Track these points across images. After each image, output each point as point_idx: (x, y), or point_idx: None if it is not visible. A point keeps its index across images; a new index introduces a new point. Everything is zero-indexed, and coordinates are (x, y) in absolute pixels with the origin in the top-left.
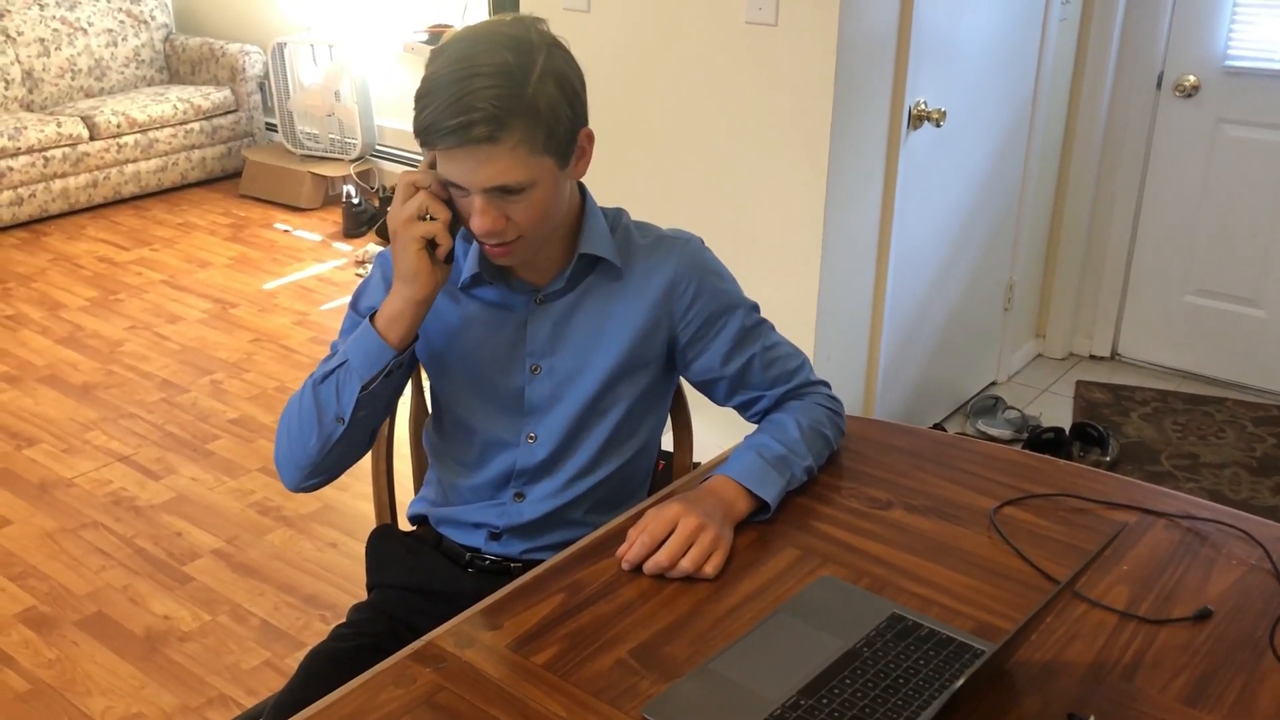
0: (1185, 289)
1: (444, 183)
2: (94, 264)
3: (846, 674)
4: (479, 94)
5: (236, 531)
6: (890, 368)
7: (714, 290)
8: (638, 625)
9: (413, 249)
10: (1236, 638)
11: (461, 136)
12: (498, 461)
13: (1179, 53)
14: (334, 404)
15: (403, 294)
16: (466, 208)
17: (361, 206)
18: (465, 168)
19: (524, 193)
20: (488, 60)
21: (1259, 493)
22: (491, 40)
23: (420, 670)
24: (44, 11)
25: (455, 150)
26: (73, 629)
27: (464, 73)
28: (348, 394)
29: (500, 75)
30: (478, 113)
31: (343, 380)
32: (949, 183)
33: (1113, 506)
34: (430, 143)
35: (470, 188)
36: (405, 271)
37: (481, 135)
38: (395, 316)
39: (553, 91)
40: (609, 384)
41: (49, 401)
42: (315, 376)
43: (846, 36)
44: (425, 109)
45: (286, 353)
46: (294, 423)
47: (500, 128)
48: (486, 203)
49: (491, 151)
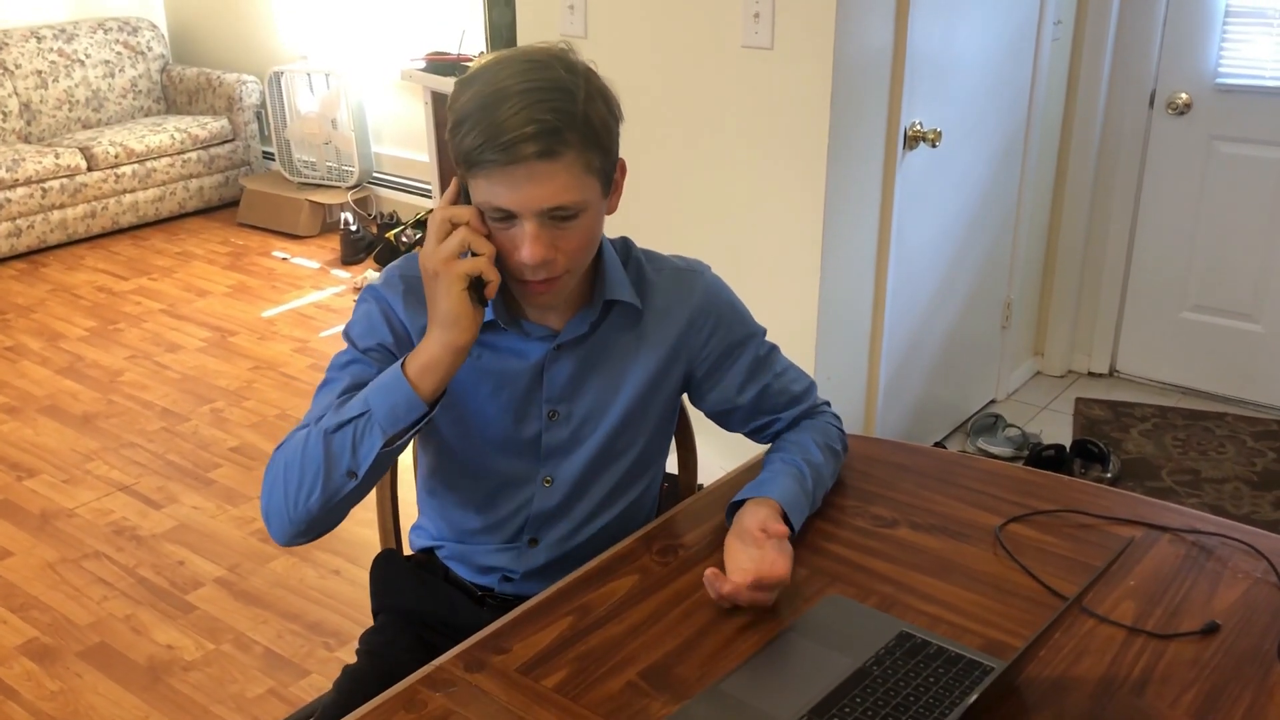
0: (1182, 305)
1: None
2: (93, 294)
3: (856, 693)
4: (537, 107)
5: (239, 560)
6: (890, 387)
7: (730, 324)
8: (647, 647)
9: (456, 290)
10: (1244, 651)
11: (519, 152)
12: (510, 505)
13: (1171, 71)
14: (348, 457)
15: (442, 340)
16: (508, 241)
17: (359, 233)
18: (518, 188)
19: (575, 219)
20: (538, 76)
21: (1260, 507)
22: (536, 58)
23: (430, 695)
24: (41, 44)
25: (511, 168)
26: (75, 660)
27: (516, 88)
28: (366, 448)
29: (555, 90)
30: (536, 125)
31: (362, 432)
32: (946, 203)
33: (1117, 522)
34: (481, 162)
35: (522, 211)
36: (447, 315)
37: (540, 150)
38: (432, 365)
39: (603, 111)
40: (626, 424)
41: (49, 432)
42: (327, 425)
43: (842, 59)
44: (474, 127)
45: (286, 380)
46: (292, 474)
47: (559, 142)
48: (539, 228)
49: (549, 169)
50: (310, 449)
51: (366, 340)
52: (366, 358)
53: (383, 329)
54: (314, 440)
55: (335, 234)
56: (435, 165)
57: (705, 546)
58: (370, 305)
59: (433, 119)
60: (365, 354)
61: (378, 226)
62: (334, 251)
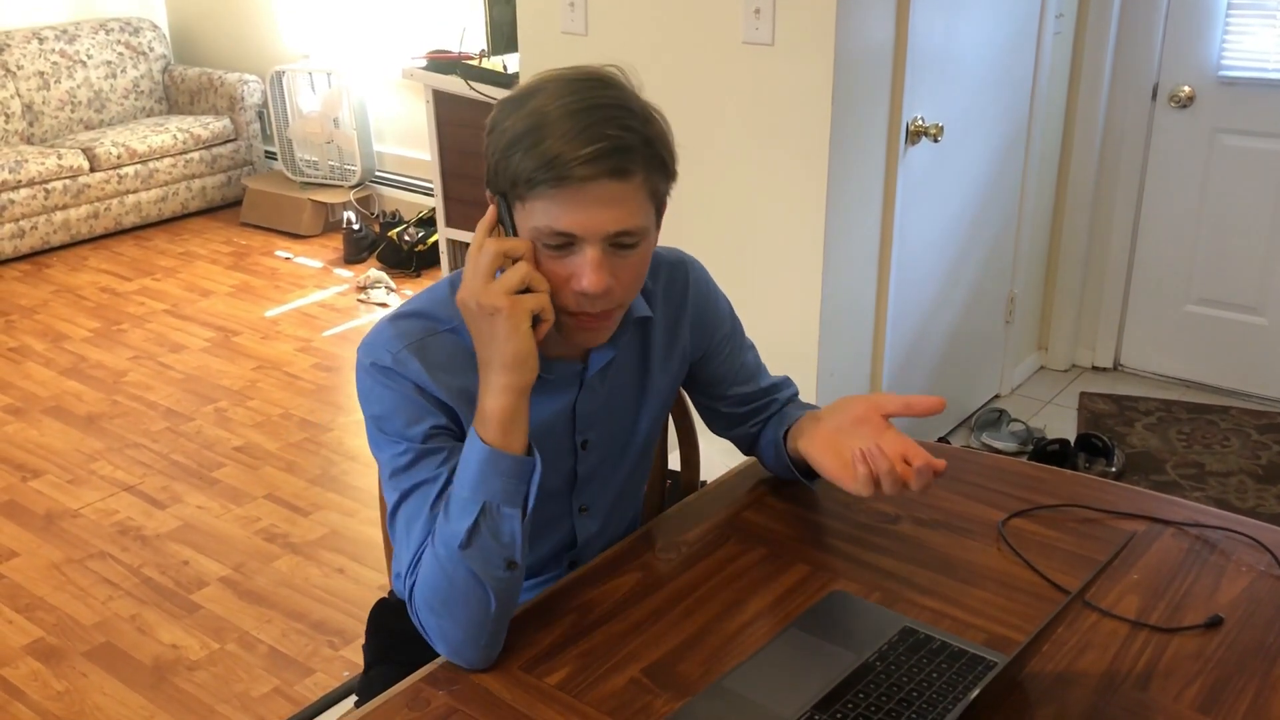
0: (1186, 298)
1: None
2: (96, 295)
3: (860, 688)
4: (607, 124)
5: (243, 559)
6: (894, 383)
7: (718, 310)
8: (650, 644)
9: (525, 328)
10: (1248, 645)
11: (590, 170)
12: (549, 543)
13: (1173, 64)
14: (497, 556)
15: (510, 385)
16: (561, 271)
17: (362, 232)
18: (585, 210)
19: (634, 248)
20: (604, 93)
21: (1265, 500)
22: (594, 77)
23: (433, 693)
24: (43, 45)
25: (579, 188)
26: (81, 660)
27: (584, 103)
28: (508, 534)
29: (622, 108)
30: (609, 142)
31: (495, 525)
32: (948, 197)
33: (1121, 516)
34: (543, 181)
35: (586, 236)
36: (515, 356)
37: (612, 168)
38: (510, 417)
39: (665, 133)
40: (652, 434)
41: (54, 433)
42: (453, 544)
43: (843, 55)
44: (534, 146)
45: (290, 379)
46: (456, 607)
47: (629, 160)
48: (601, 255)
49: (619, 191)
50: (456, 575)
51: (416, 428)
52: (432, 445)
53: (429, 411)
54: (453, 565)
55: (338, 233)
56: (437, 164)
57: (707, 544)
58: (397, 390)
59: (434, 117)
60: (427, 442)
61: (380, 225)
62: (337, 251)
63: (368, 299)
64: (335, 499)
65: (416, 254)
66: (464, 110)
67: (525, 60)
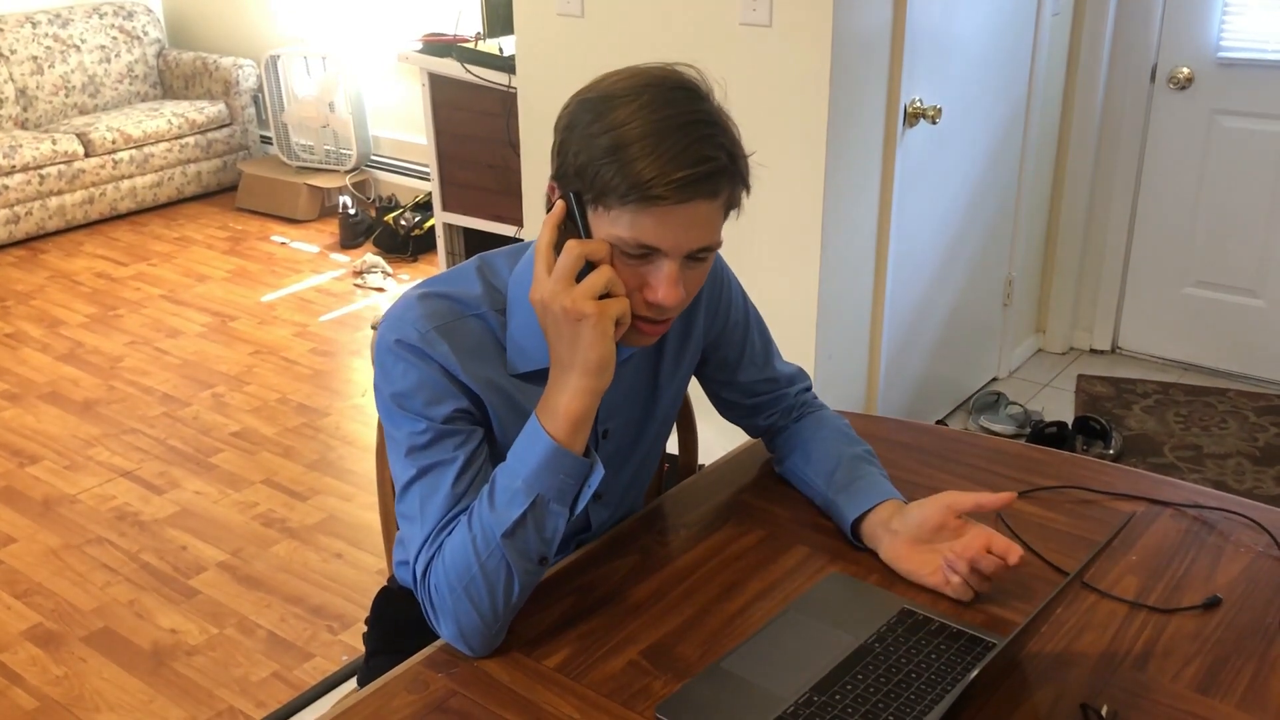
0: (1184, 281)
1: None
2: (92, 280)
3: (859, 670)
4: (706, 142)
5: (241, 544)
6: (892, 366)
7: (731, 294)
8: (649, 626)
9: (610, 334)
10: (1246, 625)
11: (688, 193)
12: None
13: (1172, 45)
14: (535, 549)
15: (589, 388)
16: (633, 277)
17: (358, 217)
18: (678, 227)
19: (705, 261)
20: (695, 108)
21: (1262, 482)
22: (683, 85)
23: (433, 676)
24: (36, 29)
25: (677, 208)
26: (79, 645)
27: (679, 121)
28: (551, 530)
29: (713, 124)
30: (706, 166)
31: (542, 519)
32: (946, 180)
33: (1119, 497)
34: (642, 200)
35: (671, 251)
36: (599, 361)
37: (709, 190)
38: (583, 419)
39: (742, 144)
40: (666, 425)
41: (51, 419)
42: (497, 530)
43: (841, 36)
44: (633, 160)
45: (287, 364)
46: (479, 591)
47: (722, 182)
48: (679, 271)
49: (708, 209)
50: (489, 561)
51: (439, 409)
52: (453, 426)
53: (452, 393)
54: (488, 551)
55: (334, 218)
56: (434, 148)
57: (706, 526)
58: (422, 370)
59: (431, 101)
60: (448, 423)
61: (376, 210)
62: (333, 235)
63: (364, 284)
64: (333, 484)
65: (413, 238)
66: (460, 94)
67: (521, 43)
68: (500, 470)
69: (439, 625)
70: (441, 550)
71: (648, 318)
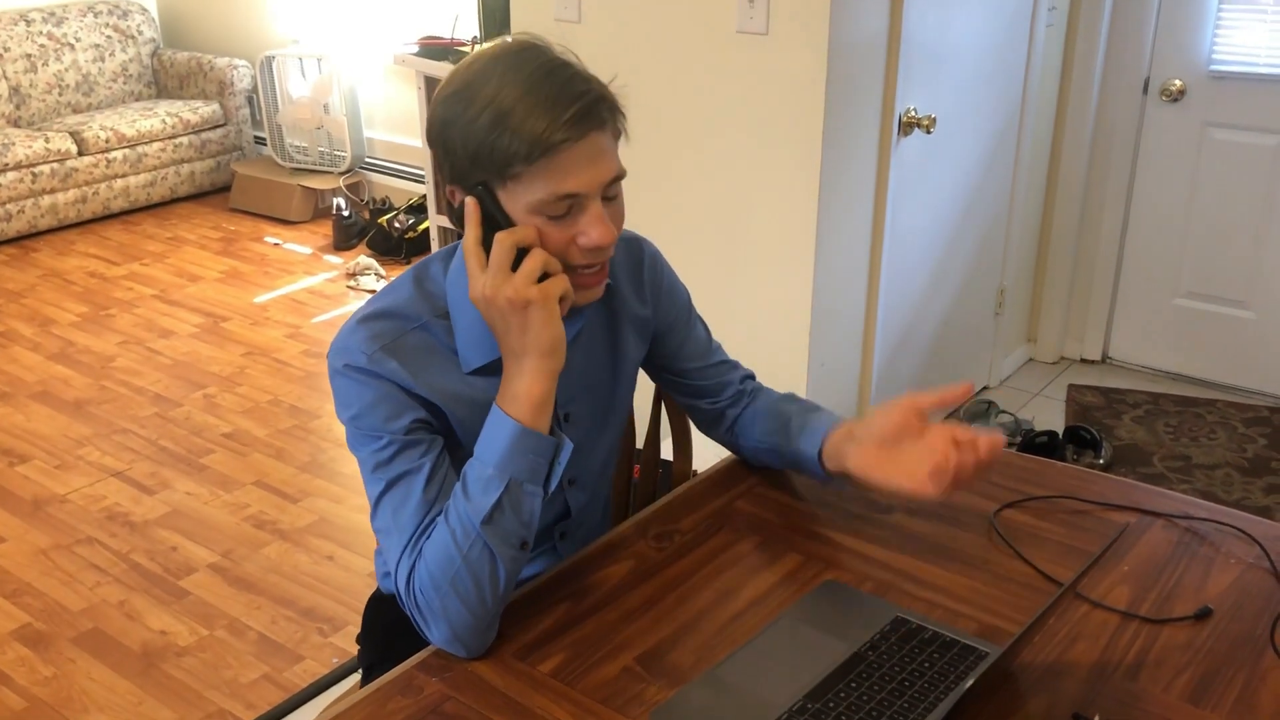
0: (1175, 292)
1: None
2: (84, 279)
3: (852, 678)
4: (577, 79)
5: (232, 545)
6: (884, 374)
7: (673, 284)
8: (643, 632)
9: (557, 313)
10: (1237, 636)
11: (580, 129)
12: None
13: (1165, 57)
14: (515, 532)
15: (546, 369)
16: (562, 235)
17: (351, 219)
18: (589, 164)
19: (618, 194)
20: (549, 58)
21: (1251, 493)
22: (532, 45)
23: (427, 680)
24: (30, 27)
25: (579, 145)
26: (69, 646)
27: (543, 72)
28: (528, 512)
29: (572, 66)
30: (583, 100)
31: (515, 502)
32: (940, 189)
33: (1111, 508)
34: (547, 151)
35: (590, 190)
36: (551, 343)
37: (598, 120)
38: (543, 399)
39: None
40: (627, 404)
41: (41, 418)
42: (473, 519)
43: (837, 45)
44: (526, 116)
45: (279, 366)
46: (465, 586)
47: (603, 110)
48: (603, 208)
49: (602, 140)
50: (471, 552)
51: (397, 422)
52: (414, 436)
53: (410, 405)
54: (469, 542)
55: (327, 219)
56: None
57: (700, 533)
58: (376, 388)
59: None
60: (409, 434)
61: (370, 212)
62: (326, 237)
63: (357, 285)
64: (324, 485)
65: (406, 241)
66: None
67: None
68: (470, 464)
69: (429, 630)
70: (422, 553)
71: (586, 265)
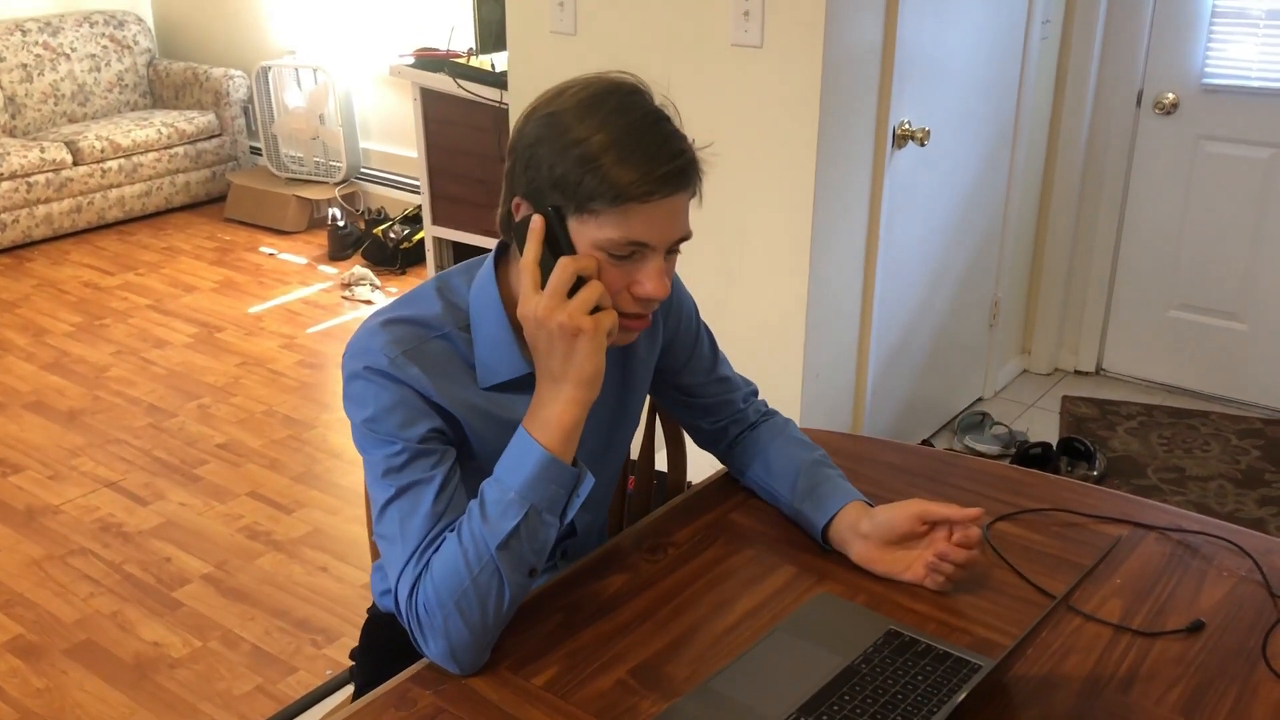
0: (1168, 304)
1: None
2: (79, 289)
3: (845, 690)
4: (675, 138)
5: (226, 556)
6: (878, 385)
7: (682, 298)
8: (637, 645)
9: (604, 346)
10: (1229, 649)
11: (671, 187)
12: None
13: (1158, 71)
14: (527, 560)
15: (581, 400)
16: (620, 278)
17: (347, 229)
18: (660, 222)
19: (677, 252)
20: (652, 107)
21: (1244, 505)
22: (636, 89)
23: (421, 693)
24: (26, 37)
25: (662, 201)
26: (61, 657)
27: (647, 123)
28: (542, 541)
29: (672, 122)
30: (680, 161)
31: (531, 531)
32: (934, 201)
33: (1104, 520)
34: (634, 198)
35: (659, 244)
36: (592, 375)
37: (689, 181)
38: (574, 429)
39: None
40: (633, 426)
41: (35, 428)
42: (488, 542)
43: (831, 58)
44: (617, 164)
45: (274, 376)
46: (470, 605)
47: (692, 174)
48: (665, 263)
49: (684, 200)
50: (482, 575)
51: (413, 429)
52: (428, 446)
53: (427, 414)
54: (481, 564)
55: (323, 230)
56: (424, 161)
57: (694, 545)
58: (395, 392)
59: (422, 115)
60: (424, 443)
61: (365, 222)
62: (321, 247)
63: (352, 296)
64: (318, 497)
65: (402, 251)
66: (452, 108)
67: (514, 59)
68: (488, 484)
69: (426, 644)
70: (430, 567)
71: (634, 313)
